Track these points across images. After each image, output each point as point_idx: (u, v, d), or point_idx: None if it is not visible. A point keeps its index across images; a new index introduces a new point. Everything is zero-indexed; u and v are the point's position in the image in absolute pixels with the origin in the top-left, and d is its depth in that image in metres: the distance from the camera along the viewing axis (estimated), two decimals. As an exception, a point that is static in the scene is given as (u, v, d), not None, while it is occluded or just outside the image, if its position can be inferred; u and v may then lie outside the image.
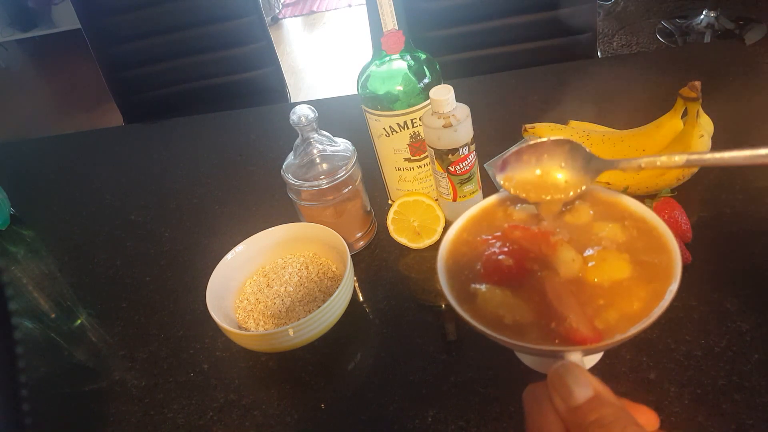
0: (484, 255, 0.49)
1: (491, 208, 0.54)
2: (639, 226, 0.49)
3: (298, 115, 0.69)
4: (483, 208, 0.54)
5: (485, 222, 0.53)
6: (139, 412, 0.65)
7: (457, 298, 0.47)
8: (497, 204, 0.54)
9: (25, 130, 3.26)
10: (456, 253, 0.51)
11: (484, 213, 0.54)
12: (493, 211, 0.54)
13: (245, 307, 0.70)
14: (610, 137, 0.76)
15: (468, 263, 0.49)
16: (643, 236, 0.48)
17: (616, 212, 0.51)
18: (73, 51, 3.78)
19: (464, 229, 0.53)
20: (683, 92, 0.70)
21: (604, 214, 0.51)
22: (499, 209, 0.54)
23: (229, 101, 1.48)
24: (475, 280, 0.48)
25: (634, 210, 0.50)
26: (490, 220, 0.53)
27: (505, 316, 0.45)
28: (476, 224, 0.53)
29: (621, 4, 2.87)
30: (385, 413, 0.59)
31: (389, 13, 0.65)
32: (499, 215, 0.53)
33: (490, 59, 1.33)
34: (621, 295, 0.44)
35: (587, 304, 0.44)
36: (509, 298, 0.46)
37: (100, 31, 1.41)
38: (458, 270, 0.49)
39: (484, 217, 0.54)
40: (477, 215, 0.54)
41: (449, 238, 0.52)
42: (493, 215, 0.54)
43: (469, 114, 0.65)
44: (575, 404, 0.33)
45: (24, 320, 0.81)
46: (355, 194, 0.75)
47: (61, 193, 1.08)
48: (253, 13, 1.41)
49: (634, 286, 0.44)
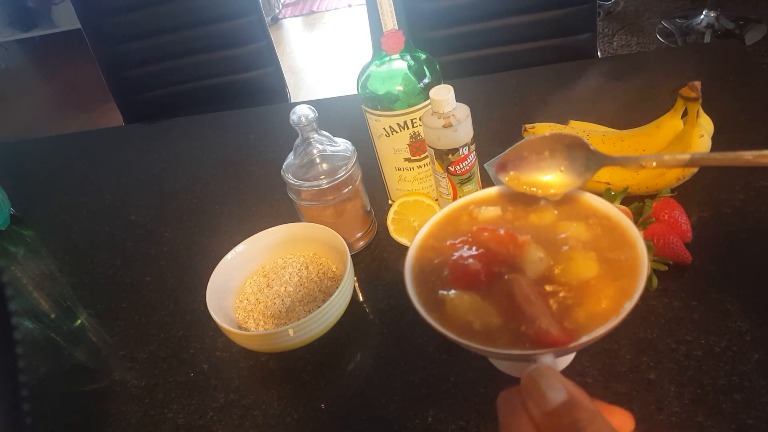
0: (451, 260, 0.48)
1: (455, 212, 0.54)
2: (603, 223, 0.49)
3: (298, 115, 0.69)
4: (447, 213, 0.54)
5: (450, 227, 0.53)
6: (139, 412, 0.65)
7: (425, 305, 0.46)
8: (461, 208, 0.54)
9: (25, 130, 3.26)
10: (422, 259, 0.50)
11: (449, 218, 0.54)
12: (458, 216, 0.53)
13: (245, 307, 0.70)
14: (610, 137, 0.76)
15: (435, 269, 0.49)
16: (608, 233, 0.48)
17: (580, 211, 0.51)
18: (73, 51, 3.78)
19: (430, 235, 0.52)
20: (683, 92, 0.70)
21: (569, 213, 0.51)
22: (464, 213, 0.53)
23: (229, 101, 1.48)
24: (443, 287, 0.47)
25: (597, 207, 0.50)
26: (455, 224, 0.53)
27: (474, 321, 0.44)
28: (441, 229, 0.53)
29: (621, 4, 2.87)
30: (385, 413, 0.59)
31: (389, 13, 0.65)
32: (464, 219, 0.53)
33: (490, 59, 1.33)
34: (589, 293, 0.44)
35: (556, 304, 0.43)
36: (478, 302, 0.45)
37: (100, 31, 1.41)
38: (425, 277, 0.49)
39: (448, 222, 0.53)
40: (441, 220, 0.53)
41: (414, 245, 0.51)
42: (458, 219, 0.53)
43: (469, 114, 0.65)
44: (549, 408, 0.33)
45: (24, 320, 0.81)
46: (355, 194, 0.75)
47: (61, 193, 1.08)
48: (253, 13, 1.41)
49: (602, 285, 0.44)
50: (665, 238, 0.63)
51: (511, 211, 0.53)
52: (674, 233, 0.64)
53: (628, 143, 0.75)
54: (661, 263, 0.62)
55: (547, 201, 0.52)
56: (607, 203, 0.50)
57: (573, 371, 0.58)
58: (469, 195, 0.54)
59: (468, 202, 0.54)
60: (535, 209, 0.51)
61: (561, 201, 0.51)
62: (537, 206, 0.52)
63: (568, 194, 0.52)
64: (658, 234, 0.63)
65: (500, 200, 0.54)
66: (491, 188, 0.54)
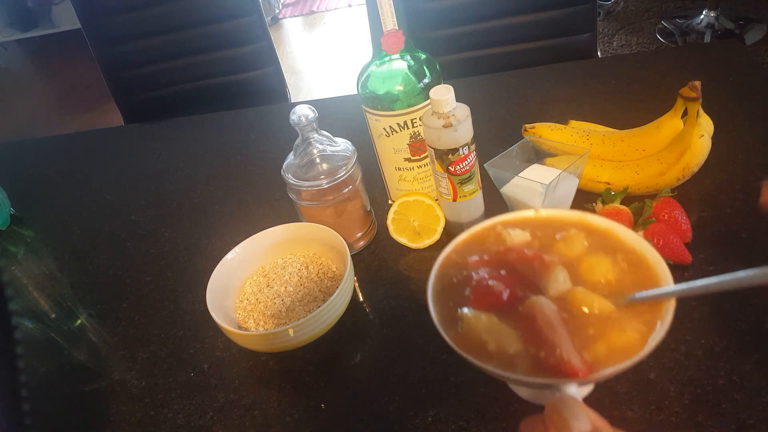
0: (473, 279, 0.48)
1: (483, 231, 0.54)
2: (630, 258, 0.48)
3: (298, 115, 0.69)
4: (474, 232, 0.54)
5: (476, 245, 0.52)
6: (139, 412, 0.65)
7: (444, 323, 0.46)
8: (489, 228, 0.53)
9: (25, 130, 3.26)
10: (444, 276, 0.50)
11: (475, 236, 0.53)
12: (485, 235, 0.53)
13: (245, 307, 0.70)
14: (610, 137, 0.76)
15: (456, 287, 0.49)
16: (634, 269, 0.48)
17: (608, 243, 0.50)
18: (73, 51, 3.78)
19: (454, 251, 0.52)
20: (683, 92, 0.70)
21: (597, 245, 0.50)
22: (491, 232, 0.53)
23: (229, 101, 1.48)
24: (462, 305, 0.47)
25: (625, 241, 0.50)
26: (482, 242, 0.53)
27: (488, 342, 0.44)
28: (466, 246, 0.52)
29: (621, 4, 2.87)
30: (385, 413, 0.59)
31: (389, 13, 0.65)
32: (491, 239, 0.53)
33: (490, 59, 1.33)
34: (611, 326, 0.43)
35: (576, 334, 0.43)
36: (495, 324, 0.45)
37: (100, 31, 1.41)
38: (446, 294, 0.48)
39: (475, 239, 0.53)
40: (468, 238, 0.53)
41: (439, 261, 0.51)
42: (485, 238, 0.53)
43: (469, 114, 0.65)
44: None
45: (24, 320, 0.81)
46: (355, 194, 0.75)
47: (61, 193, 1.08)
48: (253, 13, 1.41)
49: (625, 318, 0.44)
50: (665, 238, 0.63)
51: (540, 237, 0.52)
52: (674, 233, 0.64)
53: (628, 143, 0.75)
54: (661, 263, 0.62)
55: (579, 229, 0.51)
56: (635, 236, 0.49)
57: (573, 371, 0.58)
58: (500, 216, 0.53)
59: (496, 222, 0.53)
60: (564, 237, 0.51)
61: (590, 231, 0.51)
62: (567, 234, 0.51)
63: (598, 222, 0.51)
64: (658, 234, 0.63)
65: (530, 225, 0.53)
66: (521, 212, 0.53)
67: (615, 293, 0.46)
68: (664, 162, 0.71)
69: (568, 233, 0.51)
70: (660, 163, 0.71)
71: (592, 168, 0.74)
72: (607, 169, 0.74)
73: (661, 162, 0.71)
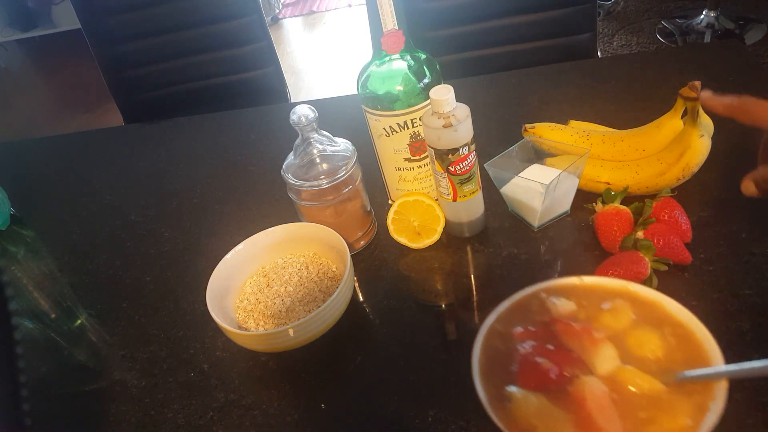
0: (520, 354, 0.46)
1: (526, 298, 0.52)
2: (678, 332, 0.47)
3: (298, 115, 0.69)
4: (517, 299, 0.52)
5: (519, 313, 0.51)
6: (139, 412, 0.65)
7: (491, 401, 0.44)
8: (532, 295, 0.52)
9: (25, 130, 3.26)
10: (489, 347, 0.49)
11: (519, 304, 0.51)
12: (528, 302, 0.51)
13: (245, 307, 0.70)
14: (610, 137, 0.76)
15: (502, 360, 0.47)
16: (682, 345, 0.46)
17: (655, 316, 0.49)
18: (73, 51, 3.78)
19: (498, 320, 0.50)
20: (683, 92, 0.70)
21: (644, 317, 0.49)
22: (535, 300, 0.51)
23: (229, 101, 1.48)
24: (510, 382, 0.45)
25: (673, 314, 0.49)
26: (525, 311, 0.51)
27: (538, 427, 0.42)
28: (510, 314, 0.51)
29: (621, 4, 2.87)
30: (385, 413, 0.59)
31: (389, 13, 0.65)
32: (535, 307, 0.51)
33: (490, 59, 1.33)
34: (662, 409, 0.42)
35: (627, 417, 0.42)
36: (546, 407, 0.43)
37: (100, 31, 1.41)
38: (492, 368, 0.47)
39: (518, 307, 0.51)
40: (511, 306, 0.51)
41: (482, 331, 0.49)
42: (528, 306, 0.51)
43: (469, 114, 0.65)
44: None
45: (24, 320, 0.81)
46: (355, 194, 0.75)
47: (61, 193, 1.08)
48: (253, 13, 1.41)
49: (675, 400, 0.42)
50: (665, 238, 0.63)
51: (586, 307, 0.51)
52: (674, 233, 0.64)
53: (628, 143, 0.75)
54: (661, 263, 0.62)
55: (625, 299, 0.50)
56: (682, 308, 0.48)
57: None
58: (543, 283, 0.52)
59: (540, 289, 0.52)
60: (611, 308, 0.49)
61: (636, 301, 0.50)
62: (613, 304, 0.49)
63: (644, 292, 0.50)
64: (658, 234, 0.63)
65: (574, 293, 0.52)
66: (565, 278, 0.52)
67: (664, 371, 0.45)
68: (664, 162, 0.71)
69: (614, 304, 0.50)
70: (660, 163, 0.71)
71: (592, 168, 0.74)
72: (607, 169, 0.74)
73: (661, 162, 0.71)
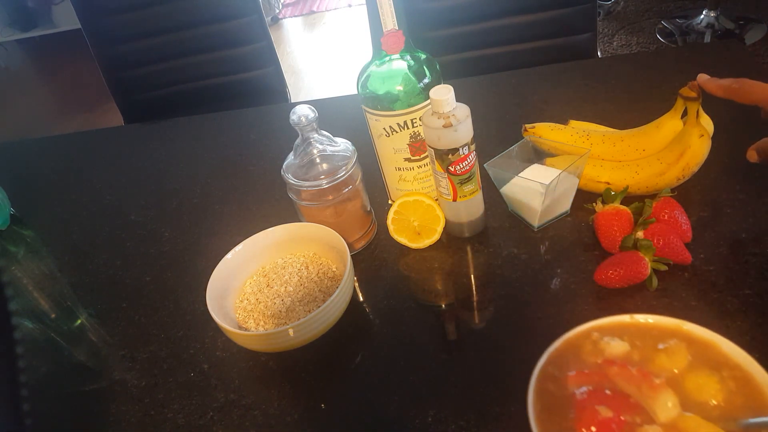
0: (577, 400, 0.45)
1: (577, 339, 0.50)
2: (736, 375, 0.46)
3: (298, 115, 0.69)
4: (568, 338, 0.50)
5: (571, 354, 0.49)
6: (139, 412, 0.65)
7: None
8: (583, 335, 0.50)
9: (25, 130, 3.27)
10: (544, 392, 0.47)
11: (569, 344, 0.50)
12: (580, 343, 0.50)
13: (245, 307, 0.70)
14: (610, 137, 0.76)
15: (559, 406, 0.46)
16: (742, 389, 0.45)
17: (712, 357, 0.48)
18: (73, 51, 3.79)
19: (549, 362, 0.49)
20: (683, 92, 0.70)
21: (701, 358, 0.48)
22: (587, 341, 0.50)
23: (229, 101, 1.48)
24: (568, 430, 0.44)
25: (730, 355, 0.48)
26: (577, 352, 0.49)
27: None
28: (561, 356, 0.49)
29: (621, 4, 2.87)
30: (385, 413, 0.59)
31: (389, 13, 0.65)
32: (588, 348, 0.50)
33: (490, 59, 1.33)
34: None
35: None
36: None
37: (100, 31, 1.41)
38: (549, 416, 0.45)
39: (569, 348, 0.50)
40: (561, 347, 0.50)
41: (535, 375, 0.48)
42: (580, 347, 0.50)
43: (469, 114, 0.65)
44: None
45: (24, 320, 0.81)
46: (355, 194, 0.75)
47: (61, 193, 1.08)
48: (253, 13, 1.41)
49: None
50: (665, 238, 0.63)
51: (639, 347, 0.49)
52: (674, 233, 0.64)
53: (628, 143, 0.75)
54: (661, 263, 0.62)
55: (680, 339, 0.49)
56: (739, 350, 0.47)
57: (573, 371, 0.57)
58: (593, 321, 0.51)
59: (591, 328, 0.50)
60: (666, 349, 0.48)
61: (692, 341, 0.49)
62: (668, 345, 0.48)
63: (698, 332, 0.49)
64: (658, 234, 0.63)
65: (627, 332, 0.50)
66: (616, 317, 0.51)
67: (726, 417, 0.44)
68: (664, 162, 0.71)
69: (669, 345, 0.49)
70: (660, 163, 0.71)
71: (592, 168, 0.74)
72: (607, 169, 0.74)
73: (661, 162, 0.71)
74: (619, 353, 0.49)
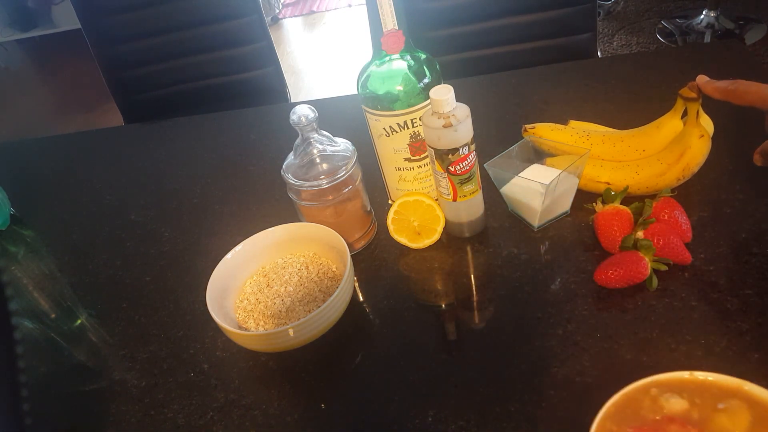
0: None
1: (635, 393, 0.50)
2: None
3: (298, 115, 0.69)
4: (626, 393, 0.50)
5: (630, 410, 0.49)
6: (139, 412, 0.65)
7: None
8: (642, 390, 0.50)
9: (25, 130, 3.27)
10: None
11: (628, 399, 0.49)
12: (638, 398, 0.49)
13: (245, 307, 0.70)
14: (610, 137, 0.76)
15: None
16: None
17: None
18: (73, 51, 3.78)
19: (607, 418, 0.48)
20: (683, 92, 0.70)
21: (762, 420, 0.46)
22: (646, 396, 0.49)
23: (229, 101, 1.48)
24: None
25: None
26: (636, 407, 0.49)
27: None
28: (620, 412, 0.49)
29: (621, 4, 2.87)
30: (385, 413, 0.59)
31: (389, 13, 0.65)
32: (646, 403, 0.49)
33: (490, 59, 1.33)
34: None
35: None
36: None
37: (100, 31, 1.41)
38: None
39: (628, 403, 0.49)
40: (620, 401, 0.49)
41: (593, 430, 0.48)
42: (639, 402, 0.49)
43: (469, 114, 0.65)
44: None
45: (24, 320, 0.81)
46: (355, 194, 0.75)
47: (61, 193, 1.08)
48: (253, 13, 1.41)
49: None
50: (665, 238, 0.63)
51: (699, 405, 0.48)
52: (674, 233, 0.64)
53: (628, 143, 0.75)
54: (661, 263, 0.62)
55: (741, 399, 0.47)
56: None
57: (573, 370, 0.58)
58: (652, 377, 0.50)
59: (650, 383, 0.50)
60: (726, 409, 0.47)
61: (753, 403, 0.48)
62: (728, 404, 0.47)
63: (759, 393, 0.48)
64: (658, 234, 0.63)
65: (686, 389, 0.49)
66: (676, 373, 0.50)
67: None
68: (664, 162, 0.71)
69: (729, 404, 0.48)
70: (660, 164, 0.71)
71: (592, 168, 0.74)
72: (607, 169, 0.74)
73: (661, 162, 0.71)
74: (678, 410, 0.48)
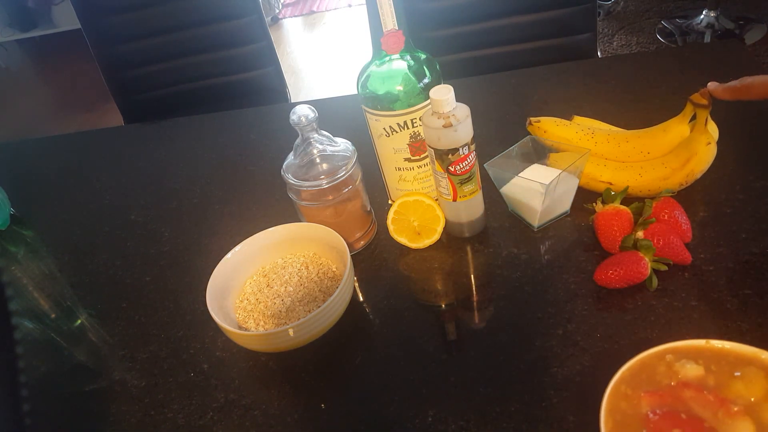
0: (650, 421, 0.45)
1: (651, 359, 0.50)
2: None
3: (298, 115, 0.69)
4: (641, 359, 0.50)
5: (645, 374, 0.49)
6: (139, 412, 0.65)
7: None
8: (658, 356, 0.50)
9: (25, 130, 3.26)
10: (616, 411, 0.47)
11: (643, 364, 0.50)
12: (654, 364, 0.50)
13: (245, 307, 0.70)
14: (615, 137, 0.76)
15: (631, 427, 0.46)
16: None
17: None
18: (73, 51, 3.78)
19: (622, 381, 0.49)
20: (694, 98, 0.69)
21: None
22: (661, 362, 0.50)
23: (229, 101, 1.48)
24: None
25: None
26: (651, 373, 0.49)
27: None
28: (635, 376, 0.49)
29: (621, 4, 2.87)
30: (385, 413, 0.59)
31: (389, 13, 0.65)
32: (661, 369, 0.49)
33: (490, 59, 1.33)
34: None
35: None
36: None
37: (100, 31, 1.41)
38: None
39: (643, 368, 0.50)
40: (635, 366, 0.50)
41: (608, 391, 0.48)
42: (654, 368, 0.50)
43: (469, 114, 0.65)
44: None
45: (24, 320, 0.81)
46: (355, 194, 0.75)
47: (61, 193, 1.08)
48: (253, 13, 1.41)
49: None
50: (665, 238, 0.63)
51: (715, 372, 0.49)
52: (674, 233, 0.64)
53: (633, 144, 0.74)
54: (661, 263, 0.62)
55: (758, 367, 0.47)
56: None
57: (572, 370, 0.58)
58: (669, 344, 0.50)
59: (665, 349, 0.50)
60: (742, 376, 0.47)
61: None
62: (745, 371, 0.47)
63: None
64: (658, 234, 0.63)
65: (702, 356, 0.50)
66: (692, 341, 0.50)
67: None
68: (668, 166, 0.71)
69: (745, 372, 0.48)
70: (664, 167, 0.71)
71: (594, 166, 0.74)
72: (609, 169, 0.74)
73: (666, 166, 0.71)
74: (693, 377, 0.48)
